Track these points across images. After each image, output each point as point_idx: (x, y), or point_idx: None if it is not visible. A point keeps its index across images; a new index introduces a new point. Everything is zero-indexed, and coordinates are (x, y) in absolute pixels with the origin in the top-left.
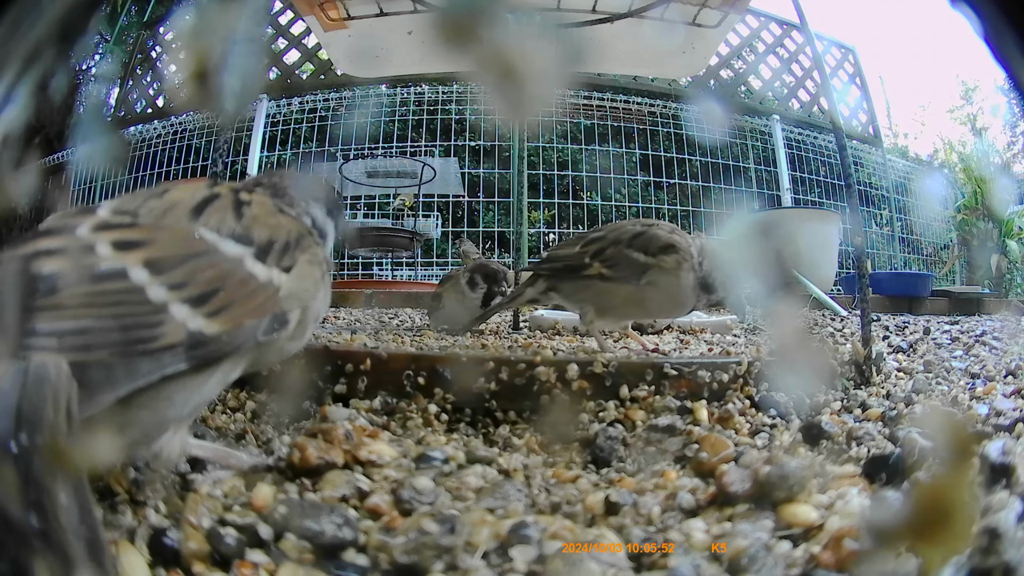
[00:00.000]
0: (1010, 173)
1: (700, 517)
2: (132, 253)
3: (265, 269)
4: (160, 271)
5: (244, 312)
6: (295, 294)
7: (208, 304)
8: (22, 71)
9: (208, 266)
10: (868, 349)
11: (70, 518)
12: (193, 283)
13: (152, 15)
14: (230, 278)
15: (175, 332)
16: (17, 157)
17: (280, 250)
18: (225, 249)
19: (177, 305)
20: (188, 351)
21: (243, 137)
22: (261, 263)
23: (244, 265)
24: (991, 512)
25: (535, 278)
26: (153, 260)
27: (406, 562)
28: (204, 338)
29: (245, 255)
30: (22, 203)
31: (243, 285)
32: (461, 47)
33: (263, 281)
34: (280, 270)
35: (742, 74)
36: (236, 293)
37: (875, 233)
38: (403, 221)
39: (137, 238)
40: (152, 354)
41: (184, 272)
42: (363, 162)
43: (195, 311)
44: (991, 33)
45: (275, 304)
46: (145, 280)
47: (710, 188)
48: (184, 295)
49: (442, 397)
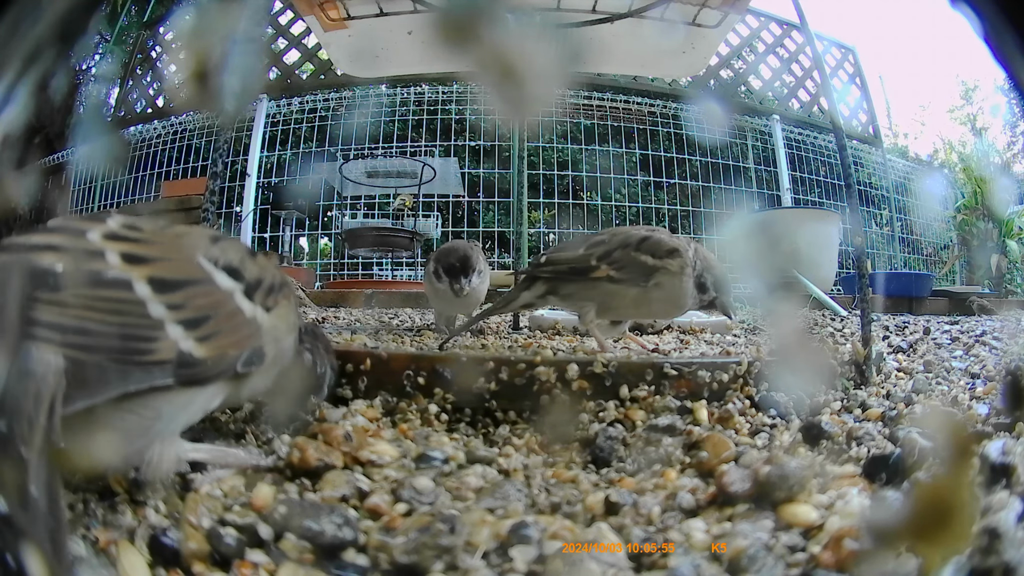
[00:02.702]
0: (1010, 173)
1: (700, 517)
2: (139, 268)
3: (251, 306)
4: (162, 290)
5: (229, 342)
6: (272, 333)
7: (200, 328)
8: (22, 71)
9: (204, 293)
10: (868, 349)
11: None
12: (190, 307)
13: (152, 15)
14: (222, 308)
15: (168, 349)
16: (17, 157)
17: (266, 290)
18: (219, 281)
19: (173, 325)
20: (176, 369)
21: (243, 137)
22: (248, 300)
23: (234, 298)
24: (991, 512)
25: (532, 281)
26: (156, 278)
27: (406, 562)
28: (192, 360)
29: (236, 290)
30: (22, 203)
31: (232, 317)
32: (461, 47)
33: (248, 316)
34: (263, 309)
35: (742, 74)
36: (225, 323)
37: (875, 233)
38: (403, 221)
39: (144, 254)
40: (145, 366)
41: (183, 295)
42: (363, 162)
43: (188, 333)
44: (991, 33)
45: (256, 339)
46: (148, 296)
47: (710, 188)
48: (180, 316)
49: (442, 397)
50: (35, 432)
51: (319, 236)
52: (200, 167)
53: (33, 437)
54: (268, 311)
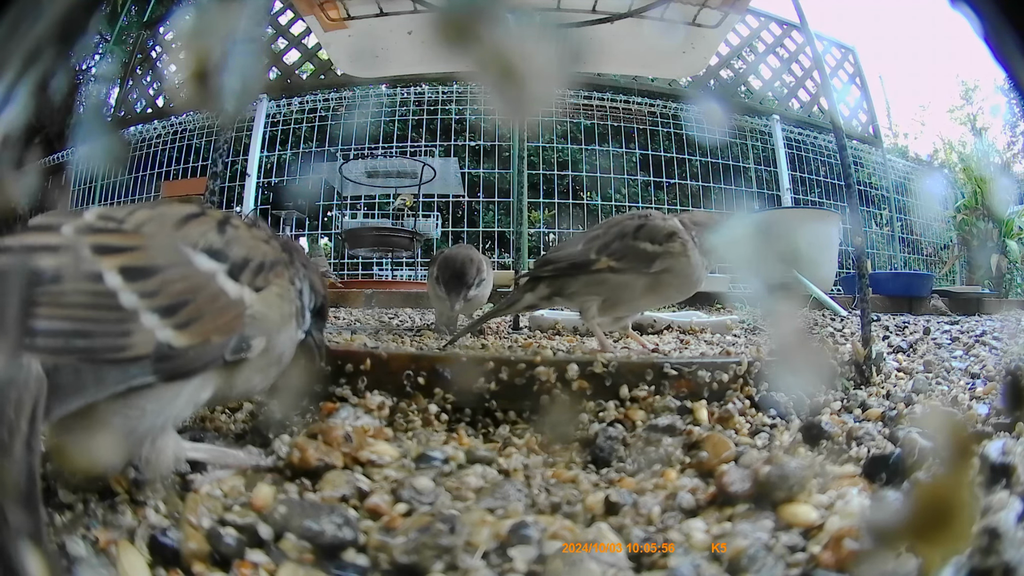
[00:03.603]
0: (1010, 173)
1: (700, 517)
2: (109, 258)
3: (236, 287)
4: (134, 278)
5: (212, 327)
6: (260, 319)
7: (177, 315)
8: (22, 71)
9: (181, 277)
10: (868, 349)
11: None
12: (164, 293)
13: (152, 15)
14: (202, 292)
15: (144, 342)
16: (17, 157)
17: (254, 269)
18: (198, 262)
19: (147, 313)
20: (156, 363)
21: (243, 137)
22: (233, 280)
23: (216, 280)
24: (991, 512)
25: (534, 282)
26: (129, 267)
27: (406, 562)
28: (172, 351)
29: (218, 271)
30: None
31: (213, 300)
32: (461, 47)
33: (234, 298)
34: (252, 289)
35: (742, 74)
36: (206, 307)
37: (875, 233)
38: (403, 221)
39: (117, 243)
40: (121, 363)
41: (157, 281)
42: (363, 162)
43: (164, 321)
44: (991, 33)
45: (242, 324)
46: (118, 285)
47: (710, 188)
48: (155, 304)
49: (442, 397)
50: (15, 439)
51: (319, 236)
52: (200, 167)
53: (13, 443)
54: (257, 291)
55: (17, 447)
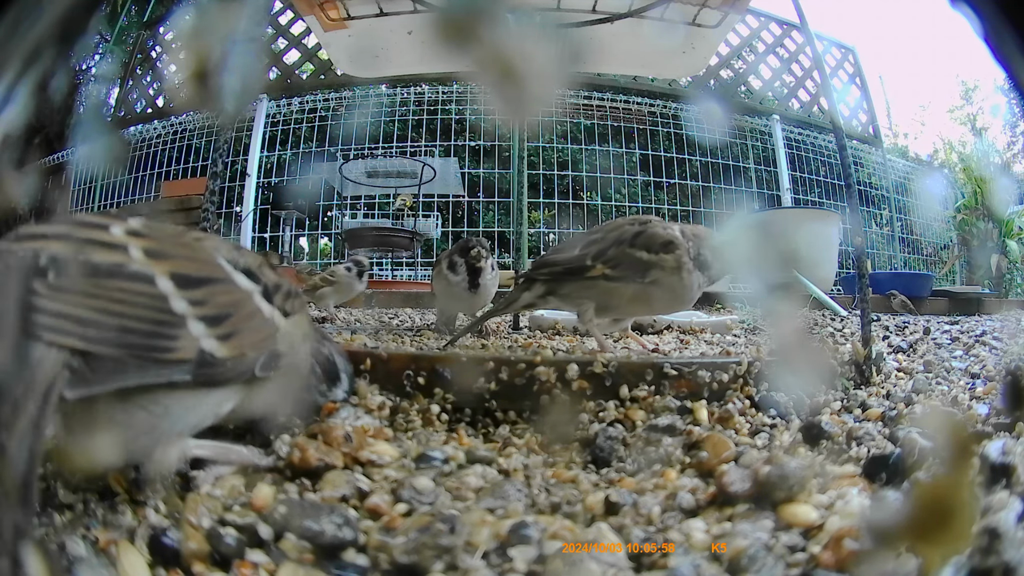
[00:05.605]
0: (1010, 173)
1: (700, 517)
2: (161, 263)
3: (270, 308)
4: (184, 285)
5: (249, 342)
6: (288, 338)
7: (221, 326)
8: (22, 71)
9: (225, 291)
10: (868, 349)
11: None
12: (211, 304)
13: (152, 15)
14: (242, 308)
15: (189, 347)
16: (17, 157)
17: (284, 295)
18: (239, 281)
19: (195, 321)
20: (196, 368)
21: (243, 137)
22: (268, 302)
23: (254, 299)
24: (991, 512)
25: (531, 282)
26: (178, 274)
27: (406, 562)
28: (213, 359)
29: (255, 291)
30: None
31: (251, 317)
32: (461, 47)
33: (268, 317)
34: (282, 313)
35: (742, 74)
36: (245, 323)
37: (875, 233)
38: (403, 221)
39: (165, 250)
40: (165, 363)
41: (205, 292)
42: (363, 162)
43: (209, 330)
44: (991, 33)
45: (274, 342)
46: (170, 290)
47: (710, 188)
48: (202, 312)
49: (442, 397)
50: (20, 417)
51: (319, 236)
52: (200, 167)
53: (16, 422)
54: (287, 316)
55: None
